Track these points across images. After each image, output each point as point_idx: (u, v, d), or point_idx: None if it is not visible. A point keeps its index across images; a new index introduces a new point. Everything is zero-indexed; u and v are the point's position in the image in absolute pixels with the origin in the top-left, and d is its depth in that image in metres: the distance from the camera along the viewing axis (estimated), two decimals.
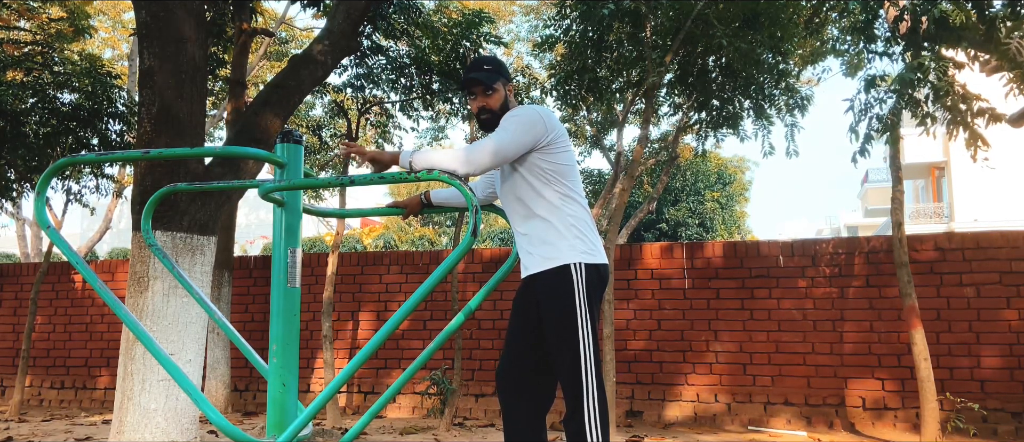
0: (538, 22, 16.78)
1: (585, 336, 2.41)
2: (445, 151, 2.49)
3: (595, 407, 2.36)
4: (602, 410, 2.37)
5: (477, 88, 2.73)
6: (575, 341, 2.41)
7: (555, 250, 2.51)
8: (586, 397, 2.36)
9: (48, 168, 2.57)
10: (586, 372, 2.39)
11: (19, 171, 8.13)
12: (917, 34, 5.60)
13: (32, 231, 17.10)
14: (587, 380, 2.38)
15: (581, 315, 2.42)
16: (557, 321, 2.44)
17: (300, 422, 2.39)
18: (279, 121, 4.67)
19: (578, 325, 2.41)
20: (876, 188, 32.47)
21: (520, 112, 2.62)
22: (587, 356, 2.40)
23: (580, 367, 2.39)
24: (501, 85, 2.74)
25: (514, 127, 2.53)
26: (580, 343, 2.41)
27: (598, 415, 2.35)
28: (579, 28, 6.99)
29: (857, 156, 6.11)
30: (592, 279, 2.49)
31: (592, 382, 2.38)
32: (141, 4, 4.29)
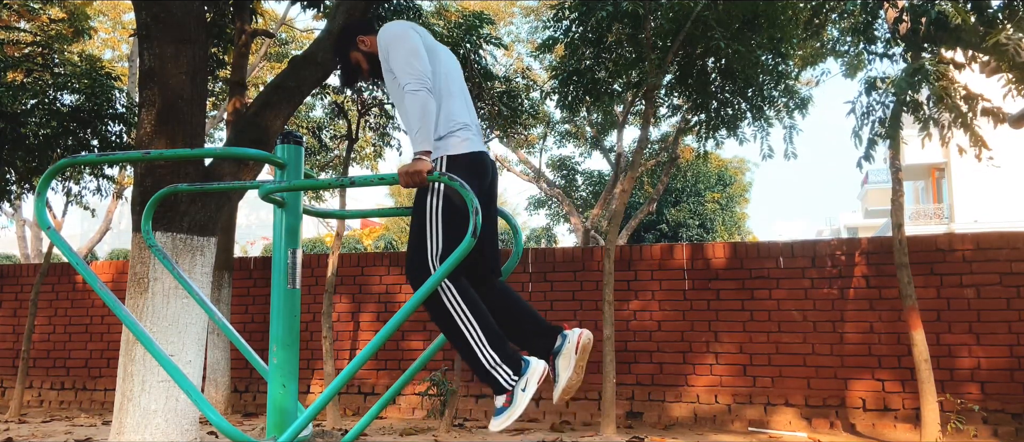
0: (538, 23, 16.79)
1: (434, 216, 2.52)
2: (411, 121, 2.48)
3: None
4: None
5: (362, 78, 2.90)
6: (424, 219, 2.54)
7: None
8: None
9: (48, 169, 2.57)
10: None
11: (19, 172, 8.12)
12: (917, 35, 5.60)
13: (32, 232, 17.11)
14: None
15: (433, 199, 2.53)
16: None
17: (300, 423, 2.39)
18: (279, 122, 4.67)
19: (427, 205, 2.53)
20: (876, 189, 32.47)
21: (390, 41, 2.63)
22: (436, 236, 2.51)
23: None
24: (354, 54, 2.84)
25: (403, 57, 2.56)
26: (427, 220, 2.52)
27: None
28: (578, 29, 7.00)
29: (862, 161, 6.10)
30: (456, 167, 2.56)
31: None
32: (141, 5, 4.29)
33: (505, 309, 2.59)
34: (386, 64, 2.66)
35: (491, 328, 2.42)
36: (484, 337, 2.40)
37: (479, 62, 7.97)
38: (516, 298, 2.65)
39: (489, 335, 2.40)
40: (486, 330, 2.41)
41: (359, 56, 2.84)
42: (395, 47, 2.61)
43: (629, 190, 6.68)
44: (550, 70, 9.50)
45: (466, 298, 2.43)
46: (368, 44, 2.83)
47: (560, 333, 2.50)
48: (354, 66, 2.87)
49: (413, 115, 2.47)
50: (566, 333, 2.49)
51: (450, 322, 2.43)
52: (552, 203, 20.90)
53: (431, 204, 2.51)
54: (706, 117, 7.74)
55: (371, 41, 2.83)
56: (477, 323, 2.41)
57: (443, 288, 2.43)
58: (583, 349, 2.44)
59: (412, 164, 2.41)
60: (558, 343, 2.48)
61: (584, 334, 2.46)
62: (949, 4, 5.39)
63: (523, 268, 7.35)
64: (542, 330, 2.54)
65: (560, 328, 2.52)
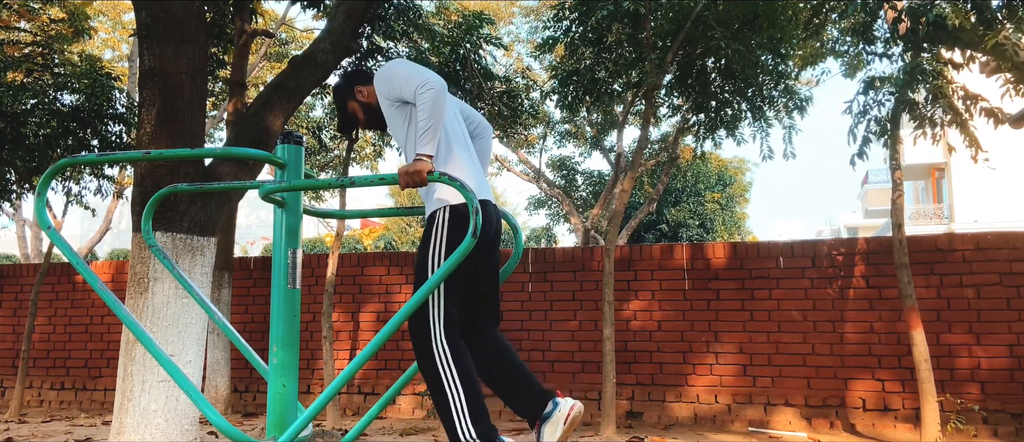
0: (538, 24, 16.79)
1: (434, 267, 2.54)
2: (421, 129, 2.47)
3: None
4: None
5: (358, 127, 2.94)
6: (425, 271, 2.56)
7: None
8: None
9: (48, 169, 2.57)
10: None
11: (19, 172, 8.12)
12: (916, 35, 5.61)
13: (32, 232, 17.11)
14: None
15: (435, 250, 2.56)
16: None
17: (300, 423, 2.39)
18: (279, 122, 4.67)
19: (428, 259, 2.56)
20: (876, 189, 32.47)
21: (389, 72, 2.66)
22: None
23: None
24: (352, 102, 2.88)
25: (409, 71, 2.58)
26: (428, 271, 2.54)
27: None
28: (578, 29, 7.00)
29: (855, 158, 6.12)
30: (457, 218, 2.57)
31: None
32: (141, 5, 4.29)
33: (499, 364, 2.57)
34: (389, 94, 2.66)
35: (476, 401, 2.40)
36: (467, 410, 2.38)
37: (479, 62, 7.97)
38: (512, 356, 2.62)
39: (472, 409, 2.38)
40: (470, 402, 2.39)
41: (356, 106, 2.88)
42: (396, 69, 2.63)
43: (629, 190, 6.68)
44: (550, 70, 9.50)
45: (459, 365, 2.42)
46: (366, 94, 2.85)
47: (551, 399, 2.47)
48: (351, 115, 2.91)
49: (423, 113, 2.46)
50: (558, 401, 2.45)
51: (438, 385, 2.41)
52: (552, 203, 20.90)
53: (434, 250, 2.51)
54: (706, 117, 7.74)
55: (369, 92, 2.85)
56: (464, 393, 2.39)
57: (439, 350, 2.42)
58: (572, 422, 2.41)
59: (412, 164, 2.42)
60: (548, 409, 2.44)
61: (575, 406, 2.42)
62: (948, 4, 5.40)
63: (523, 268, 7.35)
64: (533, 393, 2.51)
65: (552, 394, 2.50)
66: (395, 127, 2.70)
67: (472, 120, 2.93)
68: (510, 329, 7.24)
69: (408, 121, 2.65)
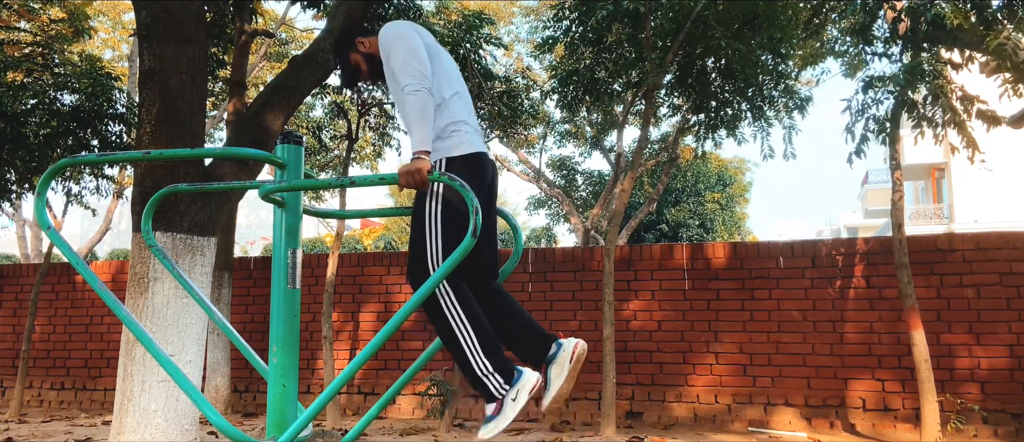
0: (538, 23, 16.79)
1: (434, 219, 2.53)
2: (411, 121, 2.47)
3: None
4: None
5: (362, 78, 2.93)
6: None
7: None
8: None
9: (48, 169, 2.57)
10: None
11: (19, 172, 8.12)
12: (916, 35, 5.61)
13: (32, 232, 17.11)
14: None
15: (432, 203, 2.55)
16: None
17: (300, 423, 2.39)
18: (279, 122, 4.67)
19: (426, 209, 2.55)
20: (876, 189, 32.48)
21: (391, 41, 2.64)
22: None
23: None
24: (353, 55, 2.86)
25: (402, 57, 2.57)
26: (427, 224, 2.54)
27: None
28: (578, 29, 7.00)
29: (853, 157, 6.12)
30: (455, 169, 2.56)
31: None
32: (141, 5, 4.29)
33: (501, 314, 2.59)
34: (387, 64, 2.66)
35: (486, 335, 2.42)
36: (478, 343, 2.40)
37: (479, 62, 7.97)
38: (513, 303, 2.64)
39: (483, 342, 2.40)
40: (481, 336, 2.41)
41: (358, 58, 2.86)
42: (395, 47, 2.62)
43: (629, 190, 6.68)
44: (550, 70, 9.50)
45: (463, 303, 2.44)
46: (368, 46, 2.84)
47: (555, 341, 2.48)
48: (354, 67, 2.89)
49: (412, 115, 2.47)
50: (561, 341, 2.47)
51: (446, 326, 2.43)
52: (552, 203, 20.90)
53: (430, 207, 2.52)
54: (706, 117, 7.73)
55: (371, 42, 2.84)
56: (472, 329, 2.41)
57: (441, 292, 2.43)
58: (577, 359, 2.42)
59: (411, 164, 2.41)
60: (553, 351, 2.47)
61: (579, 344, 2.44)
62: (948, 4, 5.40)
63: (523, 268, 7.35)
64: (537, 337, 2.53)
65: (555, 336, 2.51)
66: (394, 89, 2.69)
67: None
68: None
69: (402, 88, 2.64)
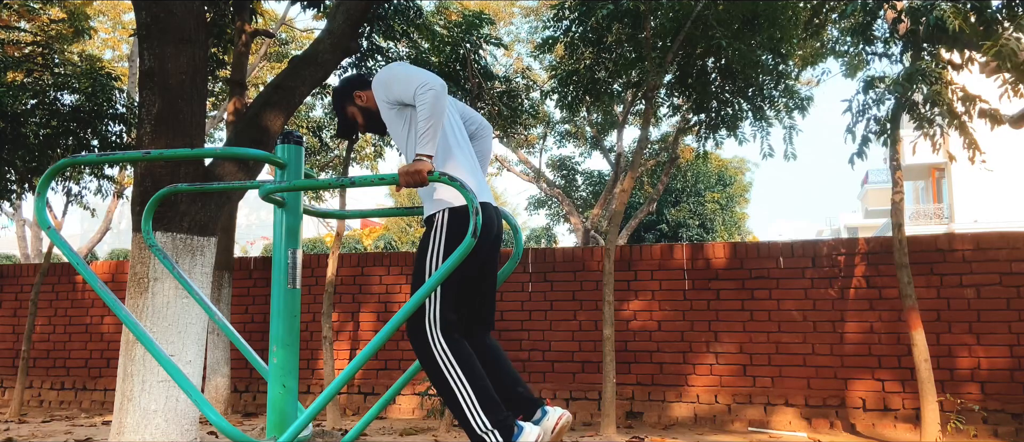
0: (538, 23, 16.79)
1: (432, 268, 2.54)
2: (421, 130, 2.46)
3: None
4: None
5: (357, 131, 2.96)
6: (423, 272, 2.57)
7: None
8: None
9: (48, 169, 2.57)
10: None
11: (19, 172, 8.12)
12: (916, 36, 5.60)
13: (32, 232, 17.11)
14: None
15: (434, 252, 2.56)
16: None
17: (300, 423, 2.39)
18: (280, 122, 4.67)
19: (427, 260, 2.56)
20: (876, 189, 32.46)
21: (386, 76, 2.65)
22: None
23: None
24: (350, 107, 2.89)
25: (407, 73, 2.58)
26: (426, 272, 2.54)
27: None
28: (578, 29, 7.00)
29: (854, 158, 6.12)
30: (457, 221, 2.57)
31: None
32: (141, 4, 4.29)
33: (490, 369, 2.56)
34: (388, 97, 2.66)
35: (485, 391, 2.40)
36: (477, 401, 2.38)
37: (479, 62, 7.97)
38: (503, 360, 2.62)
39: (482, 399, 2.38)
40: (479, 394, 2.38)
41: (355, 111, 2.89)
42: (395, 72, 2.63)
43: (629, 190, 6.68)
44: (550, 70, 9.50)
45: (461, 360, 2.42)
46: (364, 99, 2.86)
47: (541, 407, 2.47)
48: (350, 120, 2.92)
49: (423, 114, 2.46)
50: (547, 410, 2.46)
51: (443, 381, 2.41)
52: (552, 203, 20.90)
53: (432, 250, 2.51)
54: (706, 117, 7.74)
55: (367, 96, 2.85)
56: (471, 386, 2.39)
57: (438, 350, 2.42)
58: (559, 432, 2.42)
59: (412, 164, 2.41)
60: (537, 417, 2.45)
61: (564, 415, 2.43)
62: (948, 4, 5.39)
63: (523, 268, 7.35)
64: (523, 400, 2.52)
65: (542, 401, 2.50)
66: (395, 130, 2.69)
67: (473, 121, 2.92)
68: (510, 329, 7.24)
69: (408, 124, 2.64)
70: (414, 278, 2.55)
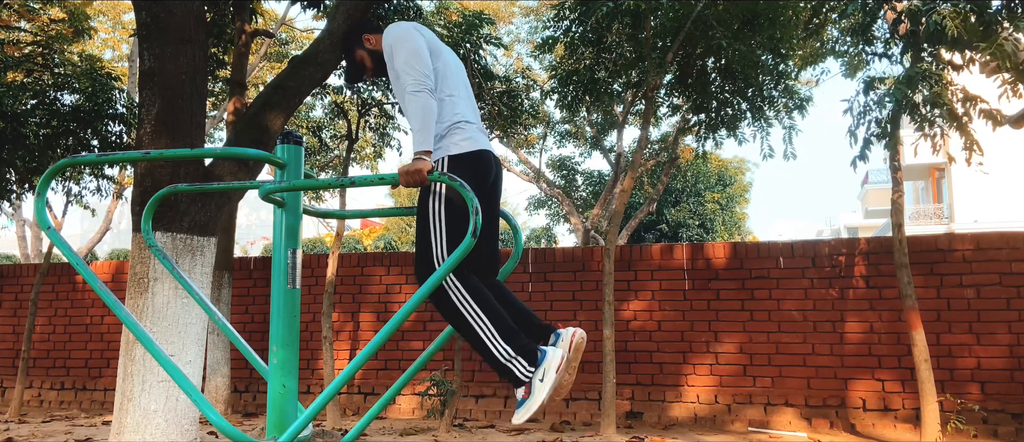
0: (538, 23, 16.79)
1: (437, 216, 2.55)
2: (412, 120, 2.49)
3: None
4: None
5: (365, 76, 2.97)
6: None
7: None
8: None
9: (48, 169, 2.57)
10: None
11: (19, 172, 8.13)
12: (916, 36, 5.60)
13: (32, 232, 17.11)
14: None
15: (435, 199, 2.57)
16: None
17: (300, 423, 2.39)
18: (279, 122, 4.67)
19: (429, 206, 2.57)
20: (876, 189, 32.47)
21: (394, 42, 2.66)
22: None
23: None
24: (360, 51, 2.90)
25: (405, 57, 2.59)
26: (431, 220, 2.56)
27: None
28: (578, 29, 7.00)
29: (856, 161, 6.11)
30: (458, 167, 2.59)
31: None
32: (141, 4, 4.29)
33: (499, 303, 2.59)
34: (390, 64, 2.68)
35: (502, 321, 2.43)
36: (496, 331, 2.41)
37: (479, 62, 7.96)
38: (511, 296, 2.66)
39: (501, 328, 2.41)
40: (497, 324, 2.42)
41: (364, 54, 2.90)
42: (398, 47, 2.64)
43: (629, 190, 6.68)
44: (550, 70, 9.50)
45: (474, 294, 2.45)
46: (373, 42, 2.88)
47: (553, 332, 2.50)
48: (359, 63, 2.93)
49: (414, 115, 2.49)
50: (559, 331, 2.48)
51: (461, 319, 2.44)
52: (552, 203, 20.90)
53: (433, 207, 2.54)
54: (706, 117, 7.73)
55: (376, 39, 2.87)
56: (487, 318, 2.42)
57: (450, 286, 2.44)
58: (577, 348, 2.44)
59: (412, 164, 2.42)
60: (551, 341, 2.48)
61: (578, 332, 2.46)
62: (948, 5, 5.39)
63: (523, 268, 7.35)
64: (536, 328, 2.55)
65: (553, 327, 2.52)
66: (398, 90, 2.70)
67: None
68: None
69: (404, 89, 2.65)
70: (418, 228, 2.56)
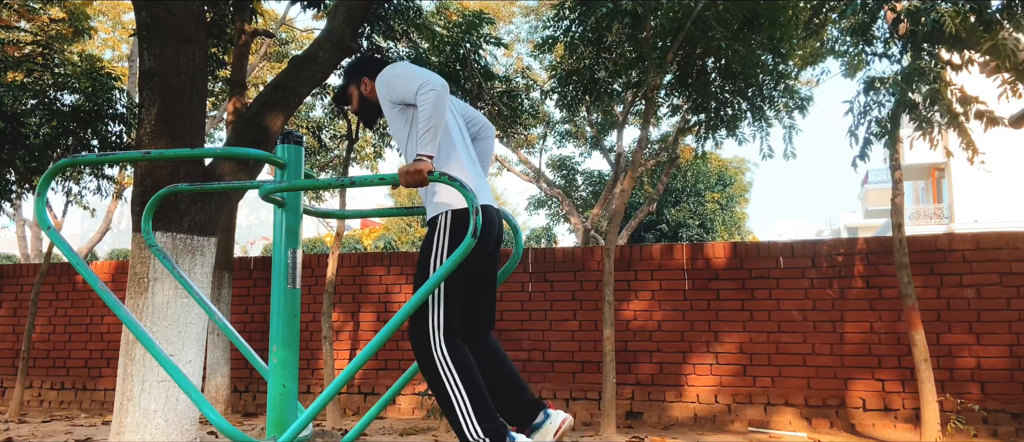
0: (538, 23, 16.79)
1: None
2: (422, 130, 2.47)
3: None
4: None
5: (347, 106, 3.01)
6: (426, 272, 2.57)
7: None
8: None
9: (48, 169, 2.57)
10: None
11: (19, 172, 8.13)
12: (916, 36, 5.60)
13: (32, 232, 17.11)
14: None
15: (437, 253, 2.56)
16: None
17: (300, 423, 2.39)
18: (279, 122, 4.67)
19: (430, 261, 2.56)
20: (876, 189, 32.48)
21: (392, 72, 2.67)
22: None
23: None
24: (354, 88, 2.93)
25: (409, 72, 2.59)
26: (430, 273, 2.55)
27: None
28: (578, 29, 7.00)
29: (857, 160, 6.11)
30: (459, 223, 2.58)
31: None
32: (141, 4, 4.29)
33: (492, 370, 2.58)
34: (391, 97, 2.66)
35: (481, 400, 2.41)
36: (472, 410, 2.39)
37: (479, 62, 7.97)
38: (505, 361, 2.63)
39: (477, 408, 2.39)
40: (475, 402, 2.40)
41: (355, 93, 2.94)
42: (399, 71, 2.64)
43: (629, 190, 6.68)
44: (550, 70, 9.50)
45: (460, 366, 2.43)
46: (368, 89, 2.89)
47: (543, 410, 2.48)
48: (347, 96, 2.98)
49: (424, 114, 2.46)
50: (549, 413, 2.46)
51: (441, 388, 2.43)
52: (552, 203, 20.90)
53: (436, 253, 2.52)
54: (706, 117, 7.73)
55: (372, 87, 2.87)
56: (467, 394, 2.40)
57: (439, 357, 2.43)
58: (562, 434, 2.43)
59: (413, 164, 2.42)
60: (539, 419, 2.47)
61: (566, 419, 2.45)
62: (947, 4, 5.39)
63: (523, 268, 7.35)
64: (526, 403, 2.53)
65: (544, 404, 2.50)
66: (396, 129, 2.70)
67: (475, 122, 2.93)
68: (510, 329, 7.24)
69: (409, 124, 2.65)
70: (417, 281, 2.56)
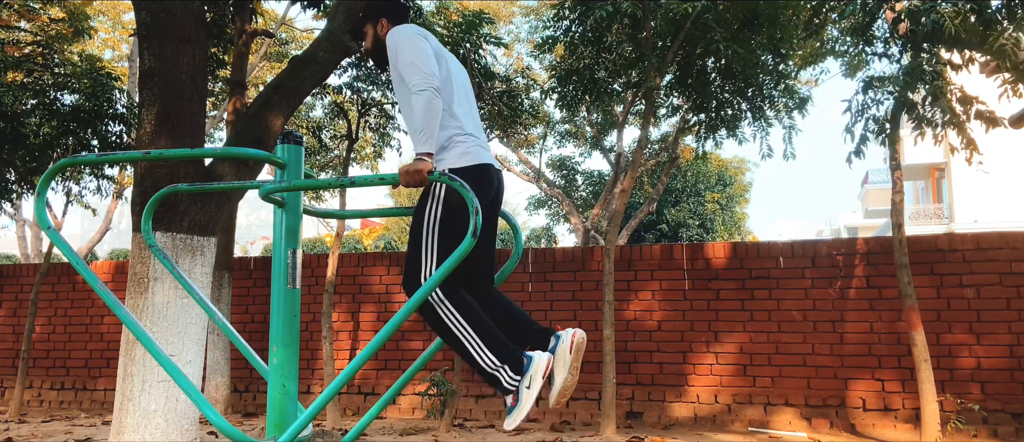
0: (538, 23, 16.80)
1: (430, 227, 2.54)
2: (416, 121, 2.47)
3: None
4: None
5: (360, 41, 3.03)
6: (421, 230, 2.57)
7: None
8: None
9: (48, 169, 2.57)
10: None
11: (19, 172, 8.13)
12: (916, 36, 5.61)
13: (32, 232, 17.11)
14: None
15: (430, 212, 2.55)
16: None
17: (300, 423, 2.39)
18: (279, 122, 4.67)
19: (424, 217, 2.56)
20: (876, 189, 32.47)
21: (399, 41, 2.65)
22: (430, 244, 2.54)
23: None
24: (370, 26, 2.93)
25: (409, 56, 2.58)
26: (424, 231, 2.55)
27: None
28: (578, 29, 7.00)
29: (852, 157, 6.12)
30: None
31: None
32: (141, 4, 4.29)
33: (497, 314, 2.59)
34: (394, 64, 2.67)
35: (488, 331, 2.42)
36: (481, 341, 2.40)
37: (479, 62, 7.96)
38: (508, 302, 2.65)
39: (486, 338, 2.40)
40: (482, 334, 2.41)
41: (371, 31, 2.93)
42: (403, 48, 2.62)
43: (629, 190, 6.68)
44: (550, 70, 9.50)
45: (459, 305, 2.44)
46: (385, 31, 2.87)
47: (553, 335, 2.48)
48: (362, 32, 2.97)
49: (417, 115, 2.46)
50: (559, 334, 2.47)
51: (447, 331, 2.44)
52: (552, 203, 20.91)
53: (430, 211, 2.51)
54: (706, 117, 7.73)
55: (388, 30, 2.83)
56: (473, 328, 2.41)
57: (435, 300, 2.43)
58: (577, 349, 2.43)
59: (413, 164, 2.41)
60: (552, 344, 2.47)
61: (577, 333, 2.44)
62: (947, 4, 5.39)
63: (523, 268, 7.35)
64: (535, 333, 2.54)
65: (553, 330, 2.51)
66: (400, 92, 2.69)
67: None
68: None
69: (409, 88, 2.64)
70: (412, 235, 2.55)
